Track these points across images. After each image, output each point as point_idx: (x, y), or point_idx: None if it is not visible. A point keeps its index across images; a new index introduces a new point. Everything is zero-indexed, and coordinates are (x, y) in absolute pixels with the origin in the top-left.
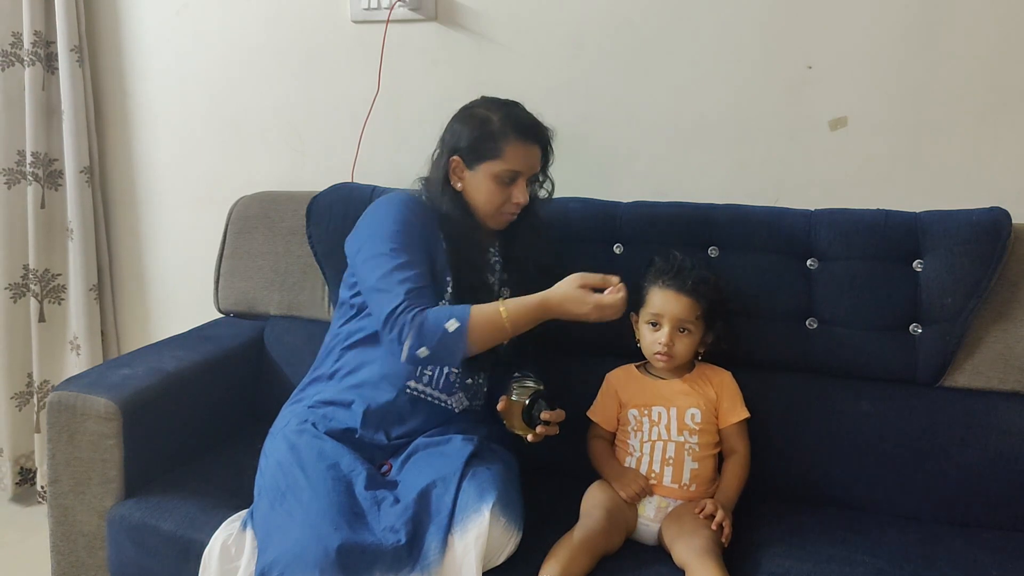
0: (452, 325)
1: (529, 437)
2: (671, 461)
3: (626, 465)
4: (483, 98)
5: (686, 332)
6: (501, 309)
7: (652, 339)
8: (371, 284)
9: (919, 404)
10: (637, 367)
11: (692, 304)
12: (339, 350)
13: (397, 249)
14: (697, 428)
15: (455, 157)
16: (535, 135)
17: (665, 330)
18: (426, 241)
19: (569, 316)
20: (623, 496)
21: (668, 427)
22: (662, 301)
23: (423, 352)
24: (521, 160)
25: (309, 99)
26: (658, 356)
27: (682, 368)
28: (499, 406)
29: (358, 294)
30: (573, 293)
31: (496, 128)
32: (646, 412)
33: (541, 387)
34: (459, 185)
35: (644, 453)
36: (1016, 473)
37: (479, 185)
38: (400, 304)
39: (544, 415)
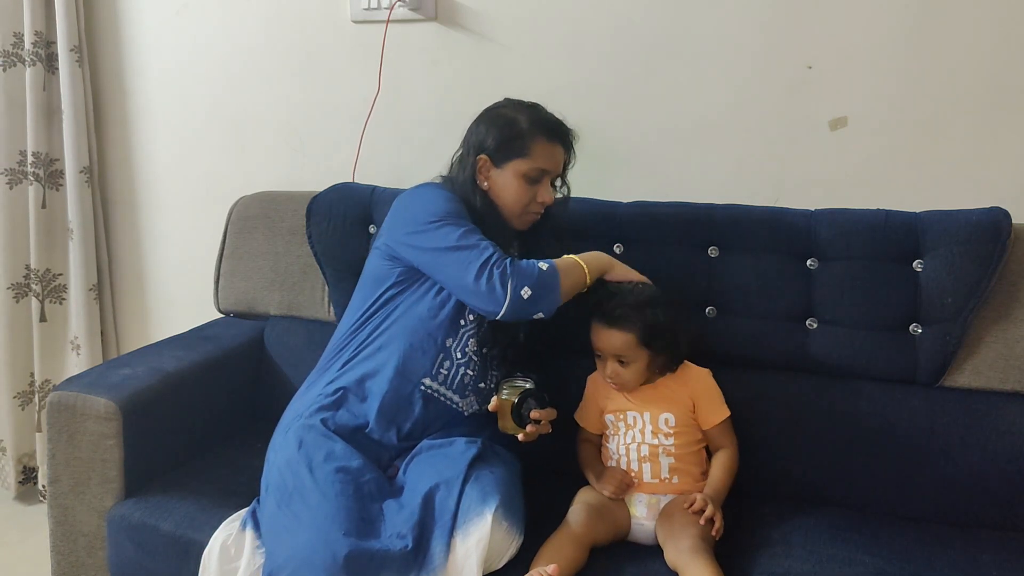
0: (544, 265)
1: (520, 436)
2: (647, 459)
3: (607, 461)
4: (507, 99)
5: (626, 363)
6: (570, 255)
7: (600, 370)
8: (449, 244)
9: (919, 404)
10: None
11: (622, 336)
12: (357, 340)
13: (462, 220)
14: (672, 431)
15: (482, 156)
16: (561, 135)
17: (608, 363)
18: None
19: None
20: (606, 494)
21: (643, 431)
22: (595, 336)
23: (527, 292)
24: (548, 158)
25: (309, 99)
26: (611, 385)
27: (653, 375)
28: (490, 406)
29: (393, 286)
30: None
31: (524, 127)
32: (621, 417)
33: (531, 386)
34: (485, 184)
35: (622, 455)
36: (1016, 473)
37: (506, 184)
38: (494, 254)
39: (534, 414)
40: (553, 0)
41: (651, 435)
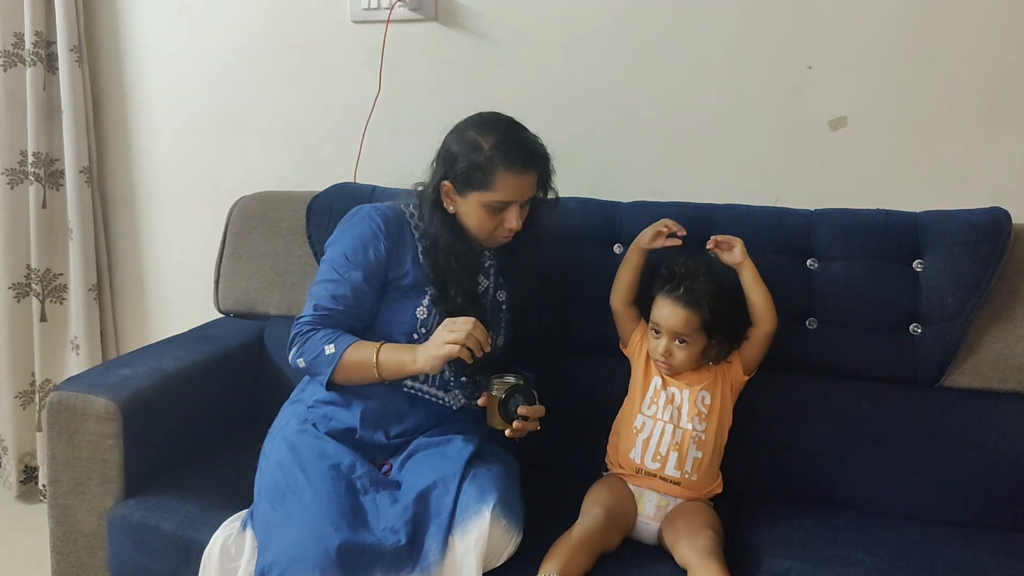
0: (329, 349)
1: (507, 432)
2: (677, 446)
3: (628, 446)
4: (479, 116)
5: (685, 343)
6: (375, 357)
7: (654, 346)
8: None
9: (919, 404)
10: None
11: (689, 315)
12: None
13: (339, 267)
14: (706, 412)
15: (446, 182)
16: (527, 164)
17: (663, 340)
18: (381, 264)
19: (436, 357)
20: (646, 239)
21: (680, 409)
22: (660, 311)
23: (301, 363)
24: (512, 191)
25: (309, 99)
26: (659, 363)
27: (700, 364)
28: (479, 401)
29: None
30: (434, 337)
31: (484, 159)
32: (664, 388)
33: (520, 382)
34: (451, 208)
35: (653, 434)
36: (1016, 473)
37: (470, 212)
38: (305, 316)
39: (521, 410)
40: (553, 0)
41: (687, 418)
